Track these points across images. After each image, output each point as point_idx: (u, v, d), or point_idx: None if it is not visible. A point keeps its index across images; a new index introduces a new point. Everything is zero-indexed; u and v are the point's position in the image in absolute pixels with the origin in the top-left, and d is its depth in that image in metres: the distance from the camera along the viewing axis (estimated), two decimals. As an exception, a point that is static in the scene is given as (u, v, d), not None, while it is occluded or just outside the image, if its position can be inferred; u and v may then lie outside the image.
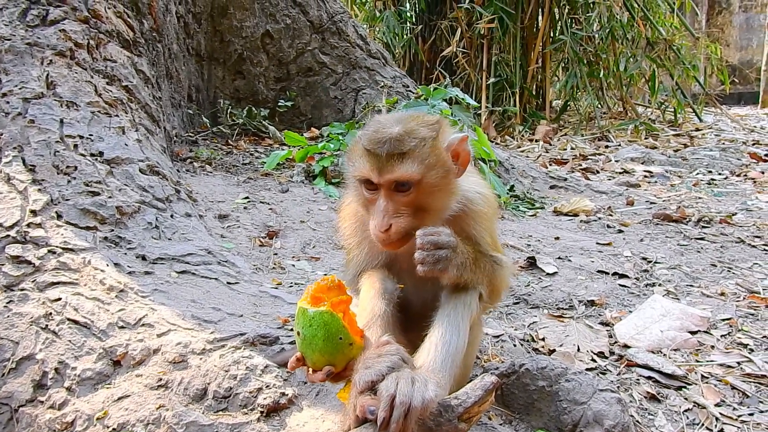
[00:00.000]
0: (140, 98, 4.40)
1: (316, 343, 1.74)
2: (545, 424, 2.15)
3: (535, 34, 10.55)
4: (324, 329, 1.73)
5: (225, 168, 5.58)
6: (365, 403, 1.60)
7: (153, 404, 2.24)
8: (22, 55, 3.84)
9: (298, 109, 7.22)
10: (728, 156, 8.20)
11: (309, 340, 1.75)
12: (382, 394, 1.58)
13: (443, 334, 1.90)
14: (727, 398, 2.45)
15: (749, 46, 19.25)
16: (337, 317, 1.76)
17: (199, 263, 3.15)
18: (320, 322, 1.73)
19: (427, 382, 1.61)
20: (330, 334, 1.73)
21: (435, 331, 1.92)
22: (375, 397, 1.61)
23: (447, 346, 1.88)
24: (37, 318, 2.56)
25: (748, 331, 2.99)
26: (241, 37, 7.01)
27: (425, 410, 1.55)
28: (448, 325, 1.92)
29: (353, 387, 1.68)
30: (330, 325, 1.74)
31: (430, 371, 1.79)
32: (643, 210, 5.46)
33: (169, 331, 2.49)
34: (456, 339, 1.90)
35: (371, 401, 1.60)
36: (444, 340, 1.89)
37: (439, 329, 1.92)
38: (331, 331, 1.73)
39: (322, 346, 1.73)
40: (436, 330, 1.92)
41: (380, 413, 1.54)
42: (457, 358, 1.90)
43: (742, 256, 4.10)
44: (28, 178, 3.15)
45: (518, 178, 6.20)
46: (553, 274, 3.66)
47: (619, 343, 2.87)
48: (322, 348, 1.73)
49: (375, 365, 1.66)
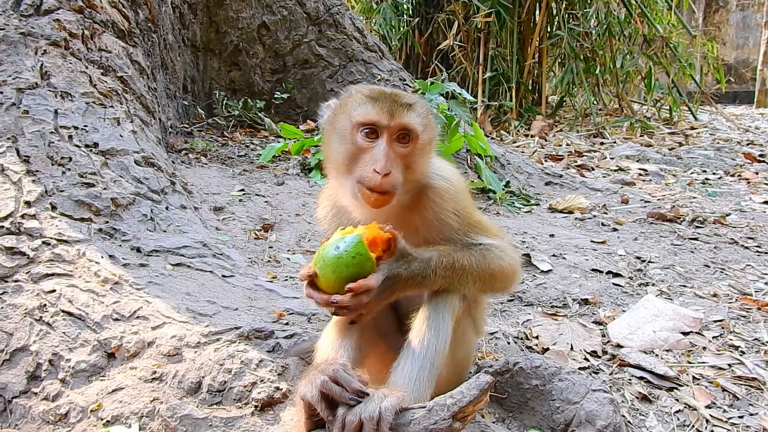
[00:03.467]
0: (135, 89, 4.38)
1: (345, 258, 1.81)
2: (538, 423, 2.17)
3: (532, 29, 10.54)
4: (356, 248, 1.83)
5: (220, 160, 5.57)
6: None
7: (147, 397, 2.24)
8: (15, 44, 3.81)
9: (294, 101, 7.20)
10: (723, 156, 8.23)
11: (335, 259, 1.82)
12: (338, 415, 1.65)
13: (421, 339, 1.90)
14: (718, 400, 2.47)
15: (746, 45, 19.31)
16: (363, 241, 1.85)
17: (194, 256, 3.14)
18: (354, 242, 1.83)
19: (385, 397, 1.64)
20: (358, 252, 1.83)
21: (413, 337, 1.92)
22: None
23: (425, 351, 1.88)
24: (31, 309, 2.56)
25: (740, 333, 3.01)
26: (237, 28, 6.97)
27: (383, 423, 1.58)
28: (427, 329, 1.91)
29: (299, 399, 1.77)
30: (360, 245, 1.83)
31: (397, 386, 1.81)
32: (638, 208, 5.48)
33: (164, 324, 2.49)
34: (435, 341, 1.89)
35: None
36: (422, 345, 1.89)
37: (417, 334, 1.92)
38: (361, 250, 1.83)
39: (349, 261, 1.81)
40: (414, 335, 1.92)
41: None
42: (438, 360, 1.89)
43: (735, 258, 4.13)
44: (22, 169, 3.14)
45: (514, 174, 6.21)
46: (547, 272, 3.67)
47: (612, 342, 2.89)
48: (349, 263, 1.81)
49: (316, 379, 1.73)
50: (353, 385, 1.68)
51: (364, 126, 1.98)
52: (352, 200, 2.05)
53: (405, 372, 1.85)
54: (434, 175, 2.12)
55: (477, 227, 2.11)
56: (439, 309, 1.95)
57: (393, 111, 1.97)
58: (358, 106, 2.01)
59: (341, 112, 2.06)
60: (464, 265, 1.96)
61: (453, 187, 2.13)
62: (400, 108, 1.99)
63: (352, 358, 1.96)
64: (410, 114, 1.99)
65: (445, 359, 1.92)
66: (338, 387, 1.68)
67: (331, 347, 1.98)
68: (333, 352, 1.96)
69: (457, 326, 2.00)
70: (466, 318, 2.13)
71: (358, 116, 1.99)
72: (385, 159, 1.93)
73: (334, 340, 1.99)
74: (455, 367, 2.12)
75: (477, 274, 1.99)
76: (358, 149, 1.99)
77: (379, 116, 1.96)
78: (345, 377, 1.69)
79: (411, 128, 1.99)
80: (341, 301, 1.82)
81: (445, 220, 2.06)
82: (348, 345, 1.97)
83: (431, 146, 2.10)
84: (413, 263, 1.91)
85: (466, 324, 2.14)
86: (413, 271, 1.90)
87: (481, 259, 2.01)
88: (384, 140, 1.96)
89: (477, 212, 2.17)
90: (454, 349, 2.00)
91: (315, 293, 1.90)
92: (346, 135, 2.02)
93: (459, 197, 2.12)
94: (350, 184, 2.00)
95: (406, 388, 1.77)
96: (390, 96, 2.01)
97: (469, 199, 2.19)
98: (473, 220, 2.12)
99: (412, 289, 1.93)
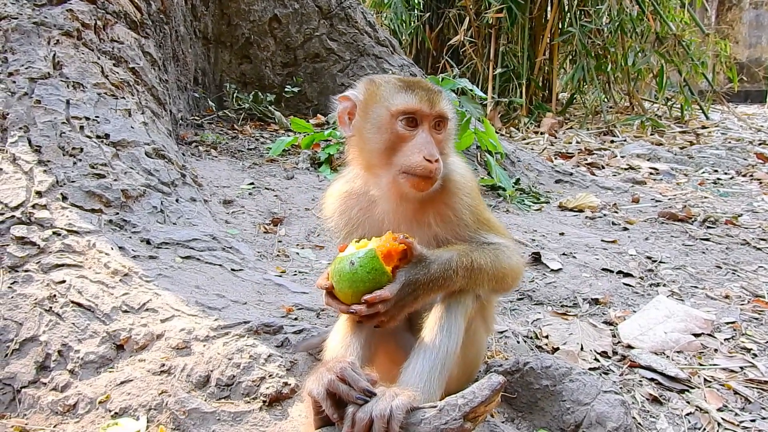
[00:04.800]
0: (147, 80, 4.37)
1: (360, 274, 1.83)
2: (548, 424, 2.15)
3: (543, 25, 10.47)
4: (370, 263, 1.84)
5: (230, 153, 5.56)
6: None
7: (155, 390, 2.24)
8: (29, 34, 3.81)
9: (305, 95, 7.18)
10: (734, 155, 8.16)
11: (351, 274, 1.84)
12: (348, 412, 1.64)
13: (433, 338, 1.88)
14: (730, 403, 2.44)
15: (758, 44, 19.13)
16: (377, 255, 1.86)
17: (203, 249, 3.14)
18: (368, 257, 1.85)
19: (396, 396, 1.62)
20: (373, 267, 1.84)
21: (425, 336, 1.91)
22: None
23: (436, 351, 1.86)
24: (41, 300, 2.56)
25: (752, 335, 2.98)
26: (248, 20, 6.95)
27: (393, 421, 1.57)
28: (439, 329, 1.90)
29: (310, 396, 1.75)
30: (374, 259, 1.85)
31: (407, 385, 1.79)
32: (649, 208, 5.44)
33: (173, 317, 2.49)
34: (447, 341, 1.88)
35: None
36: (433, 344, 1.87)
37: (429, 333, 1.91)
38: (375, 265, 1.84)
39: (365, 277, 1.83)
40: (426, 334, 1.91)
41: (344, 430, 1.62)
42: (449, 361, 1.87)
43: (747, 259, 4.09)
44: (33, 159, 3.14)
45: (524, 171, 6.18)
46: (557, 271, 3.65)
47: (623, 343, 2.86)
48: (365, 278, 1.83)
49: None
50: (361, 384, 1.66)
51: (405, 114, 1.97)
52: (387, 190, 2.04)
53: (416, 372, 1.83)
54: (451, 169, 2.11)
55: (487, 225, 2.10)
56: (452, 309, 1.93)
57: (432, 99, 1.98)
58: (395, 95, 1.99)
59: (374, 102, 2.03)
60: (481, 265, 1.95)
61: (469, 182, 2.12)
62: (436, 95, 2.01)
63: (362, 355, 1.94)
64: (444, 101, 2.03)
65: (456, 359, 1.90)
66: (345, 386, 1.67)
67: (341, 344, 1.96)
68: (342, 350, 1.95)
69: (469, 326, 1.98)
70: (478, 318, 2.11)
71: (398, 104, 1.98)
72: (432, 146, 1.95)
73: (343, 337, 1.98)
74: (466, 367, 2.10)
75: (492, 274, 1.98)
76: (398, 138, 1.98)
77: (421, 104, 1.97)
78: (353, 376, 1.68)
79: (447, 115, 2.04)
80: (360, 311, 1.83)
81: (461, 215, 2.05)
82: (357, 343, 1.96)
83: (453, 134, 2.15)
84: (432, 266, 1.89)
85: (478, 324, 2.12)
86: (433, 275, 1.88)
87: (495, 259, 1.99)
88: (425, 128, 1.98)
89: (486, 209, 2.17)
90: (465, 348, 1.98)
91: (334, 302, 1.91)
92: (383, 125, 1.99)
93: (473, 193, 2.11)
94: (389, 174, 1.99)
95: (416, 388, 1.75)
96: (423, 84, 2.04)
97: (480, 195, 2.19)
98: (483, 217, 2.11)
99: (435, 292, 1.91)
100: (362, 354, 1.95)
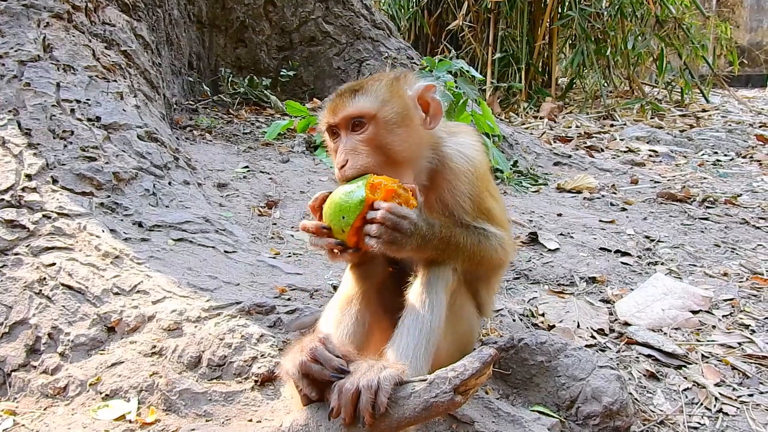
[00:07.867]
0: (139, 64, 4.32)
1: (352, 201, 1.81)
2: (543, 400, 2.13)
3: (542, 9, 10.37)
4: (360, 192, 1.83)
5: (225, 137, 5.52)
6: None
7: (146, 371, 2.22)
8: (18, 16, 3.76)
9: (301, 79, 7.12)
10: (734, 137, 8.10)
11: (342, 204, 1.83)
12: (335, 384, 1.61)
13: (416, 314, 1.85)
14: (727, 378, 2.42)
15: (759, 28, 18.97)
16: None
17: (196, 231, 3.11)
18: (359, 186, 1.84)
19: (385, 368, 1.60)
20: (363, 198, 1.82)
21: (407, 313, 1.87)
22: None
23: (420, 326, 1.83)
24: (30, 283, 2.53)
25: (750, 311, 2.96)
26: (243, 4, 6.88)
27: (381, 392, 1.54)
28: (420, 304, 1.87)
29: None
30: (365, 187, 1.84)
31: (396, 358, 1.76)
32: (647, 189, 5.40)
33: (165, 299, 2.46)
34: (430, 316, 1.85)
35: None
36: (416, 320, 1.84)
37: (411, 310, 1.87)
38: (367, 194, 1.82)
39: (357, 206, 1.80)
40: (408, 311, 1.88)
41: (331, 403, 1.59)
42: (434, 337, 1.84)
43: (746, 237, 4.06)
44: (23, 142, 3.10)
45: (522, 153, 6.13)
46: (554, 250, 3.62)
47: (620, 320, 2.84)
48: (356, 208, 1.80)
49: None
50: (333, 363, 1.63)
51: (326, 131, 2.06)
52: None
53: (400, 349, 1.79)
54: (455, 153, 2.07)
55: (485, 215, 2.07)
56: (432, 283, 1.90)
57: (335, 106, 1.99)
58: (320, 116, 2.08)
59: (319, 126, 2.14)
60: (459, 242, 1.94)
61: (472, 168, 2.07)
62: (341, 100, 1.99)
63: (354, 333, 1.92)
64: (355, 100, 1.97)
65: (442, 334, 1.87)
66: (318, 365, 1.63)
67: (332, 322, 1.94)
68: (334, 328, 1.92)
69: (453, 300, 1.95)
70: (462, 292, 2.07)
71: (320, 126, 2.09)
72: (341, 152, 1.95)
73: (336, 315, 1.95)
74: (458, 344, 2.07)
75: (468, 254, 1.97)
76: (334, 151, 2.04)
77: (327, 118, 2.02)
78: (324, 355, 1.64)
79: (357, 114, 1.96)
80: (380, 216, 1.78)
81: (460, 203, 2.02)
82: (349, 320, 1.93)
83: (408, 122, 2.00)
84: (419, 222, 1.86)
85: (464, 298, 2.09)
86: (420, 230, 1.85)
87: (477, 243, 1.98)
88: (344, 134, 1.99)
89: (490, 198, 2.12)
90: (453, 324, 1.96)
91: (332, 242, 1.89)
92: (326, 143, 2.12)
93: (476, 181, 2.06)
94: None
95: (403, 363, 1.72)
96: (337, 92, 2.04)
97: (488, 181, 2.14)
98: (484, 207, 2.08)
99: (412, 250, 1.86)
100: (355, 331, 1.93)
